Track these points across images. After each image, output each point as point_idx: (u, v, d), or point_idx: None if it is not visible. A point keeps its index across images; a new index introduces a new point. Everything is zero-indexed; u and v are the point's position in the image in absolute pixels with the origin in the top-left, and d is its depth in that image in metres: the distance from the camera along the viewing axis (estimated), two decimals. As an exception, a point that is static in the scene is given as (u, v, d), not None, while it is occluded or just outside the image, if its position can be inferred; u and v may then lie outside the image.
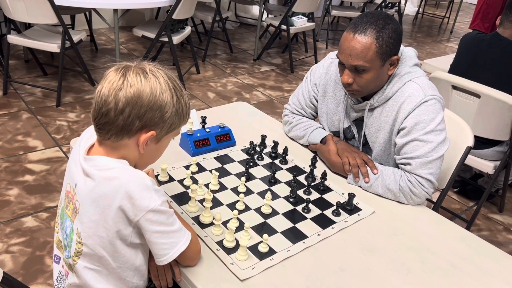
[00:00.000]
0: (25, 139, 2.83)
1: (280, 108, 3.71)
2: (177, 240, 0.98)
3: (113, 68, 0.94)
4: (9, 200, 2.28)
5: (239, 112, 1.87)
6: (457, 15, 7.26)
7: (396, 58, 1.36)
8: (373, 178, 1.40)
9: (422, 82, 1.40)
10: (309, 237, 1.18)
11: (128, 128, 0.92)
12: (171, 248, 0.97)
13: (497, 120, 2.18)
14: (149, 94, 0.91)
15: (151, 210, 0.93)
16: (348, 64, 1.34)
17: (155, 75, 0.93)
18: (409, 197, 1.37)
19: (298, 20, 4.46)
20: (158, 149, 1.03)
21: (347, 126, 1.56)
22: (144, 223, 0.94)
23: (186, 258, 1.02)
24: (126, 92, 0.90)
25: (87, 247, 0.98)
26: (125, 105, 0.90)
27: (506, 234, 2.51)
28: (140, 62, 0.95)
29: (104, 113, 0.91)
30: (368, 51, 1.30)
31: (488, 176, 2.64)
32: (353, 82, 1.37)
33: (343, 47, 1.34)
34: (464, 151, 1.56)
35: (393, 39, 1.32)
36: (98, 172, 0.94)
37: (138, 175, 0.94)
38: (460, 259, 1.18)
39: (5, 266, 1.90)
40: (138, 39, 4.84)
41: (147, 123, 0.93)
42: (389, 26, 1.31)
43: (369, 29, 1.30)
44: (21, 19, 3.10)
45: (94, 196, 0.94)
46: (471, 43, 2.37)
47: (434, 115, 1.36)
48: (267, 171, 1.45)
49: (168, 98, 0.93)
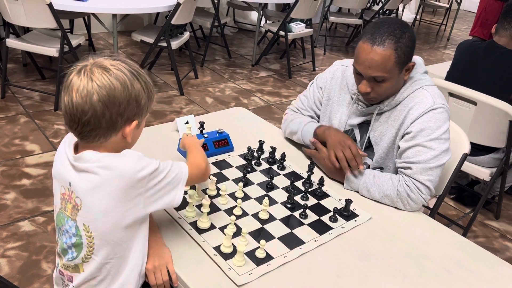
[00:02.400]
0: (22, 143, 2.83)
1: (278, 113, 3.72)
2: (178, 168, 1.05)
3: (73, 74, 0.93)
4: (5, 204, 2.28)
5: (237, 118, 1.87)
6: (454, 22, 7.31)
7: (412, 64, 1.39)
8: (371, 184, 1.41)
9: (432, 90, 1.42)
10: (306, 243, 1.18)
11: (113, 126, 0.95)
12: (180, 173, 1.05)
13: (493, 127, 2.19)
14: (121, 90, 0.92)
15: (152, 171, 0.97)
16: (367, 75, 1.35)
17: (118, 68, 0.94)
18: (406, 203, 1.37)
19: (296, 26, 4.49)
20: (139, 132, 1.06)
21: (348, 129, 1.57)
22: (151, 183, 0.98)
23: (193, 179, 1.11)
24: (99, 96, 0.90)
25: (98, 238, 0.99)
26: (103, 109, 0.91)
27: (502, 241, 2.51)
28: (95, 60, 0.95)
29: (86, 122, 0.92)
30: (387, 62, 1.31)
31: (485, 182, 2.65)
32: (371, 91, 1.38)
33: (361, 58, 1.34)
34: (461, 158, 1.57)
35: (410, 47, 1.34)
36: (92, 164, 0.95)
37: (128, 152, 0.98)
38: (457, 266, 1.18)
39: (1, 270, 1.89)
40: (136, 43, 4.85)
41: (129, 116, 0.96)
42: (406, 34, 1.32)
43: (387, 40, 1.30)
44: (20, 23, 3.10)
45: (96, 186, 0.95)
46: (467, 50, 2.39)
47: (441, 124, 1.38)
48: (264, 176, 1.45)
49: (139, 87, 0.96)
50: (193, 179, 1.11)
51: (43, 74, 3.76)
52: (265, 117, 2.73)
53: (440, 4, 7.66)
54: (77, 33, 4.47)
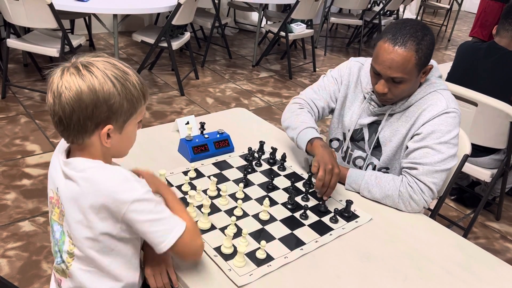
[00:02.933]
0: (23, 143, 2.83)
1: (278, 114, 3.71)
2: (170, 226, 0.95)
3: (54, 73, 0.92)
4: (6, 204, 2.28)
5: (237, 118, 1.87)
6: (455, 23, 7.31)
7: (430, 67, 1.39)
8: (372, 185, 1.40)
9: (446, 94, 1.42)
10: (307, 244, 1.18)
11: (84, 129, 0.91)
12: (167, 234, 0.94)
13: (494, 128, 2.19)
14: (88, 93, 0.88)
15: (135, 200, 0.90)
16: (386, 75, 1.34)
17: (90, 70, 0.90)
18: (407, 204, 1.37)
19: (297, 26, 4.49)
20: (126, 138, 0.99)
21: (358, 128, 1.56)
22: (131, 214, 0.91)
23: (186, 250, 0.98)
24: (66, 98, 0.88)
25: (78, 249, 0.98)
26: (71, 111, 0.89)
27: (503, 242, 2.51)
28: (75, 60, 0.92)
29: (57, 122, 0.91)
30: (408, 63, 1.30)
31: (485, 184, 2.65)
32: (388, 92, 1.38)
33: (382, 58, 1.33)
34: (462, 159, 1.57)
35: (430, 49, 1.33)
36: (76, 173, 0.93)
37: (115, 169, 0.94)
38: (457, 267, 1.18)
39: (1, 270, 1.89)
40: (137, 44, 4.85)
41: (99, 119, 0.91)
42: (427, 37, 1.32)
43: (409, 41, 1.29)
44: (21, 24, 3.10)
45: (75, 197, 0.94)
46: (468, 51, 2.38)
47: (452, 128, 1.37)
48: (265, 177, 1.45)
49: (110, 89, 0.89)
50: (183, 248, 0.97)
51: (44, 74, 3.76)
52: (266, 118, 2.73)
53: (441, 5, 7.66)
54: (77, 33, 4.47)
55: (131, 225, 0.94)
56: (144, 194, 0.92)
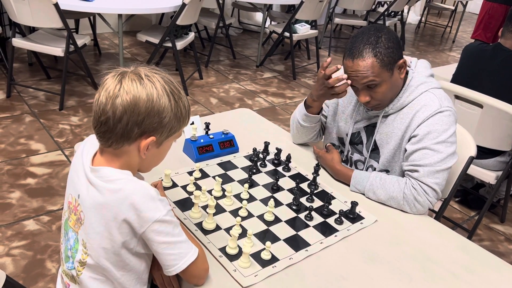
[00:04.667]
0: (27, 142, 2.84)
1: (282, 114, 3.71)
2: (185, 251, 0.97)
3: (110, 75, 0.93)
4: (11, 203, 2.29)
5: (242, 119, 1.87)
6: (460, 24, 7.29)
7: (403, 61, 1.39)
8: (377, 187, 1.40)
9: (439, 93, 1.43)
10: (312, 245, 1.18)
11: (128, 135, 0.92)
12: (180, 259, 0.96)
13: (499, 130, 2.18)
14: (145, 101, 0.90)
15: (156, 220, 0.92)
16: (359, 84, 1.37)
17: (151, 80, 0.92)
18: (412, 205, 1.37)
19: (301, 27, 4.48)
20: (160, 153, 1.02)
21: (355, 132, 1.57)
22: (150, 234, 0.93)
23: (193, 275, 1.00)
24: (122, 100, 0.89)
25: (91, 258, 0.98)
26: (122, 113, 0.90)
27: (507, 245, 2.50)
28: (136, 67, 0.94)
29: (103, 121, 0.91)
30: (372, 69, 1.33)
31: (490, 186, 2.64)
32: (371, 99, 1.40)
33: (348, 72, 1.38)
34: (467, 161, 1.56)
35: (391, 47, 1.34)
36: (103, 183, 0.94)
37: (143, 186, 0.94)
38: (462, 269, 1.18)
39: (5, 269, 1.89)
40: (141, 44, 4.86)
41: (146, 129, 0.93)
42: (381, 38, 1.33)
43: (364, 50, 1.33)
44: (26, 23, 3.11)
45: (99, 207, 0.94)
46: (473, 53, 2.38)
47: (447, 127, 1.38)
48: (270, 178, 1.45)
49: (166, 103, 0.92)
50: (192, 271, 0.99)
51: (49, 73, 3.77)
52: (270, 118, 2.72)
53: (446, 6, 7.64)
54: (82, 33, 4.48)
55: (147, 243, 0.96)
56: (166, 215, 0.94)
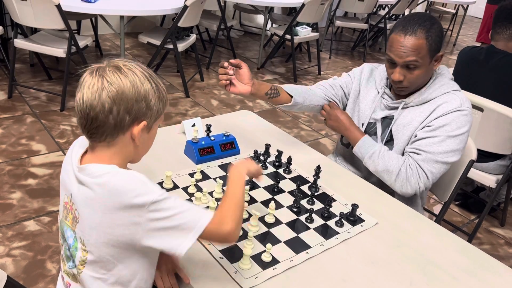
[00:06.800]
0: (28, 142, 2.85)
1: (283, 117, 3.72)
2: (198, 215, 0.95)
3: (87, 73, 0.95)
4: (11, 203, 2.29)
5: (243, 121, 1.87)
6: (461, 28, 7.30)
7: (441, 55, 1.45)
8: (378, 156, 1.47)
9: (461, 96, 1.49)
10: (312, 248, 1.18)
11: (120, 124, 0.94)
12: (196, 221, 0.94)
13: (499, 133, 2.19)
14: (131, 88, 0.93)
15: (154, 201, 0.91)
16: (401, 61, 1.41)
17: (130, 68, 0.96)
18: (402, 184, 1.43)
19: (302, 30, 4.49)
20: (150, 138, 1.04)
21: (372, 122, 1.61)
22: (151, 215, 0.92)
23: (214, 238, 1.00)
24: (109, 92, 0.91)
25: (92, 254, 0.98)
26: (111, 104, 0.92)
27: (507, 248, 2.50)
28: (110, 61, 0.97)
29: (93, 117, 0.92)
30: (420, 49, 1.39)
31: (490, 189, 2.64)
32: (404, 79, 1.44)
33: (395, 46, 1.41)
34: (467, 165, 1.57)
35: (439, 37, 1.42)
36: (91, 179, 0.94)
37: (131, 173, 0.95)
38: (462, 272, 1.18)
39: (6, 269, 1.90)
40: (142, 45, 4.87)
41: (137, 115, 0.95)
42: (435, 26, 1.41)
43: (418, 30, 1.39)
44: (28, 24, 3.12)
45: (90, 202, 0.94)
46: (467, 57, 2.40)
47: (462, 125, 1.43)
48: (271, 180, 1.45)
49: (149, 87, 0.96)
50: (211, 237, 1.00)
51: (50, 74, 3.78)
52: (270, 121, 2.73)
53: (447, 9, 7.65)
54: (84, 34, 4.49)
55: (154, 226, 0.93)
56: (161, 195, 0.93)
